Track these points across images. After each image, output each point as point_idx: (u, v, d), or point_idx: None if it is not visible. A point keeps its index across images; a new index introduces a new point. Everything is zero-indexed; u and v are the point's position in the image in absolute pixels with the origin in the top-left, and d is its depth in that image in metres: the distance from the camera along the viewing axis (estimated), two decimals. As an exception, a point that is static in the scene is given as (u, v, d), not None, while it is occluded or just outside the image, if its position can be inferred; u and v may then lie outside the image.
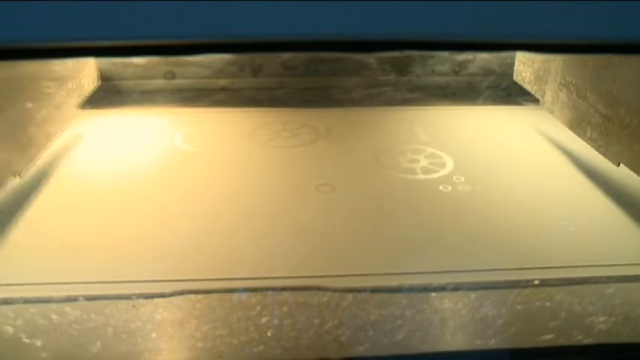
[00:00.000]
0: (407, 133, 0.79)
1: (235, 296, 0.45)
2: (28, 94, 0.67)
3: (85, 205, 0.60)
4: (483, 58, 0.97)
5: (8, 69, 0.62)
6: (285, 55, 0.93)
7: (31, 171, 0.66)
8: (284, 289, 0.46)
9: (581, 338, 0.41)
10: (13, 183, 0.62)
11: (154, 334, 0.42)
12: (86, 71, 0.89)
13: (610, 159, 0.67)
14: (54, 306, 0.44)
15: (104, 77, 0.94)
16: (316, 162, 0.71)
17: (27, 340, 0.41)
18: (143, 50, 0.35)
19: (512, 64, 0.98)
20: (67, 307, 0.44)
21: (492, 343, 0.41)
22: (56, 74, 0.77)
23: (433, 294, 0.46)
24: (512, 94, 0.93)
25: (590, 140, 0.72)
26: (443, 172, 0.68)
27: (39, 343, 0.40)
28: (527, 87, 0.92)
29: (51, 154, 0.70)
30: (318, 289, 0.46)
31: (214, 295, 0.45)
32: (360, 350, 0.40)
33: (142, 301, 0.45)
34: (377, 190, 0.64)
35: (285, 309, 0.44)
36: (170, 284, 0.46)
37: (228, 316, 0.43)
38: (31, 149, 0.67)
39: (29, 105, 0.67)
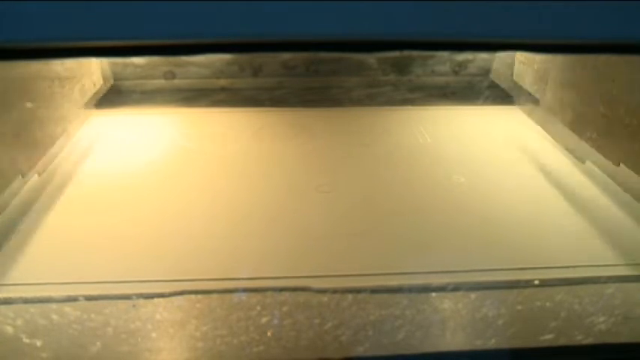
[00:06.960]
0: (407, 133, 0.79)
1: (235, 296, 0.45)
2: (31, 94, 0.67)
3: (84, 205, 0.60)
4: (483, 58, 0.97)
5: (11, 69, 0.62)
6: (285, 55, 0.93)
7: (31, 171, 0.66)
8: (284, 289, 0.46)
9: (581, 338, 0.41)
10: (14, 183, 0.62)
11: (154, 334, 0.42)
12: (90, 71, 0.89)
13: (610, 159, 0.67)
14: (54, 306, 0.44)
15: (103, 77, 0.94)
16: (316, 162, 0.71)
17: (27, 340, 0.41)
18: (143, 50, 0.35)
19: (513, 64, 0.98)
20: (67, 307, 0.44)
21: (492, 343, 0.41)
22: (59, 74, 0.77)
23: (433, 294, 0.46)
24: (512, 94, 0.93)
25: (590, 140, 0.72)
26: (443, 172, 0.68)
27: (39, 343, 0.40)
28: (527, 87, 0.92)
29: (50, 154, 0.70)
30: (318, 289, 0.46)
31: (214, 295, 0.45)
32: (360, 350, 0.40)
33: (142, 301, 0.45)
34: (377, 189, 0.64)
35: (285, 309, 0.44)
36: (170, 284, 0.46)
37: (228, 316, 0.43)
38: (35, 149, 0.67)
39: (33, 105, 0.67)
